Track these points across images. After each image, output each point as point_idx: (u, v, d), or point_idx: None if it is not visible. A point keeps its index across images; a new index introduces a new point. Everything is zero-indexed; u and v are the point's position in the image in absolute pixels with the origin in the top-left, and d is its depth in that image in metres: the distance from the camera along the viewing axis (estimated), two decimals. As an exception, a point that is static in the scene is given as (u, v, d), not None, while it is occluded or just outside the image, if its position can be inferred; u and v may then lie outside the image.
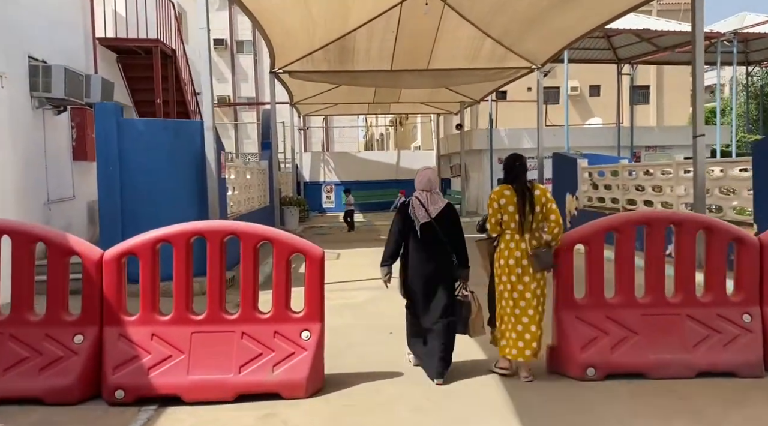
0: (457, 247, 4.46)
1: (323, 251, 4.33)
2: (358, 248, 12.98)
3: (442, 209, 4.45)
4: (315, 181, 24.22)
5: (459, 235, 4.48)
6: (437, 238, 4.38)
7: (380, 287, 8.00)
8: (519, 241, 4.31)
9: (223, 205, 9.01)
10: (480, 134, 20.82)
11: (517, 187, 4.33)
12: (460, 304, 4.45)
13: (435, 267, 4.41)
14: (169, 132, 7.80)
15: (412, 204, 4.47)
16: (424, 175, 4.54)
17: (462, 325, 4.45)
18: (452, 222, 4.48)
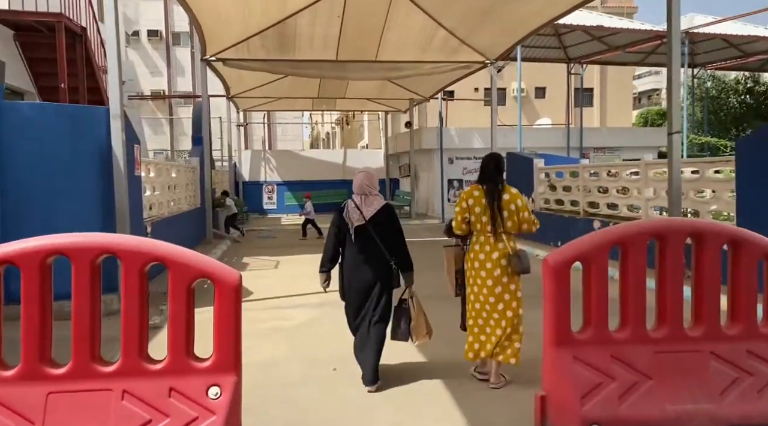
0: (396, 250, 4.30)
1: (239, 275, 3.18)
2: (300, 254, 11.79)
3: (378, 210, 4.29)
4: (255, 181, 22.77)
5: (397, 237, 4.32)
6: (372, 241, 4.23)
7: (322, 303, 6.95)
8: (483, 243, 4.23)
9: (137, 207, 7.66)
10: (429, 133, 19.95)
11: (486, 188, 4.24)
12: (401, 311, 4.36)
13: (369, 271, 4.27)
14: (64, 119, 6.43)
15: (347, 207, 4.35)
16: (358, 179, 4.40)
17: (403, 331, 4.34)
18: (389, 224, 4.30)
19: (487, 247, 4.21)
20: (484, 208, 4.18)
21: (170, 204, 10.42)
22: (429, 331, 4.37)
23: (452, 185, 19.90)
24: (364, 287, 4.29)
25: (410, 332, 4.34)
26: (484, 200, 4.19)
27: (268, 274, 9.60)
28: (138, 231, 7.70)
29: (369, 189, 4.33)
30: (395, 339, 4.39)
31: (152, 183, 9.00)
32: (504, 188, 4.25)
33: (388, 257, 4.26)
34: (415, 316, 4.32)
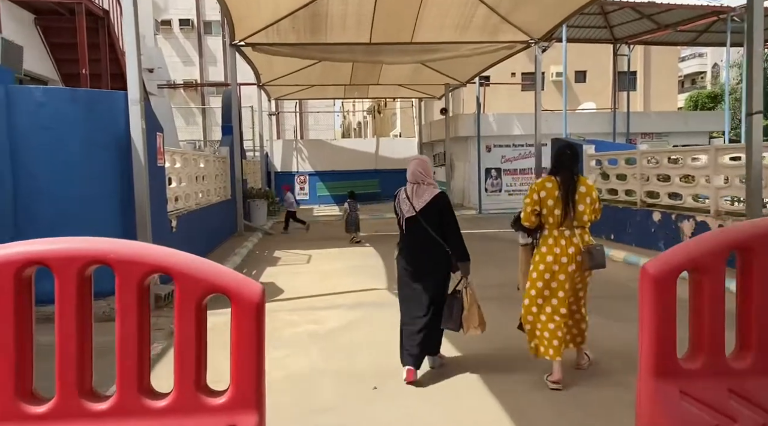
0: (451, 240, 4.15)
1: (262, 290, 2.56)
2: (334, 248, 11.22)
3: (430, 201, 4.14)
4: (287, 171, 22.32)
5: (452, 227, 4.16)
6: (424, 232, 4.13)
7: (358, 304, 6.33)
8: (558, 237, 4.03)
9: (160, 200, 7.16)
10: (466, 119, 19.14)
11: (561, 179, 4.02)
12: (453, 300, 4.20)
13: (420, 262, 4.20)
14: (79, 105, 5.92)
15: (399, 196, 4.28)
16: (411, 167, 4.27)
17: (454, 320, 4.18)
18: (441, 213, 4.15)
19: (562, 241, 4.01)
20: (557, 201, 3.96)
21: (198, 196, 9.95)
22: (481, 323, 4.22)
23: (490, 174, 19.09)
24: (417, 278, 4.20)
25: (461, 322, 4.18)
26: (557, 192, 3.97)
27: (300, 269, 9.05)
28: (161, 225, 7.21)
29: (423, 177, 4.18)
30: (445, 327, 4.26)
31: (178, 174, 8.52)
32: (579, 180, 4.07)
33: (442, 248, 4.13)
34: (468, 306, 4.16)
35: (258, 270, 8.99)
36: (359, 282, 7.88)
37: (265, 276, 8.52)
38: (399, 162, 22.82)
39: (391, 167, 22.75)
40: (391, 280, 7.99)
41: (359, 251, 10.77)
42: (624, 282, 7.42)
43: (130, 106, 6.05)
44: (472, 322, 4.17)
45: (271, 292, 7.36)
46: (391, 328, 5.50)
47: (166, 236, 7.42)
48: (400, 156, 22.94)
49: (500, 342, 5.01)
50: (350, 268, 9.03)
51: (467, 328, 4.18)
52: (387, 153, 22.93)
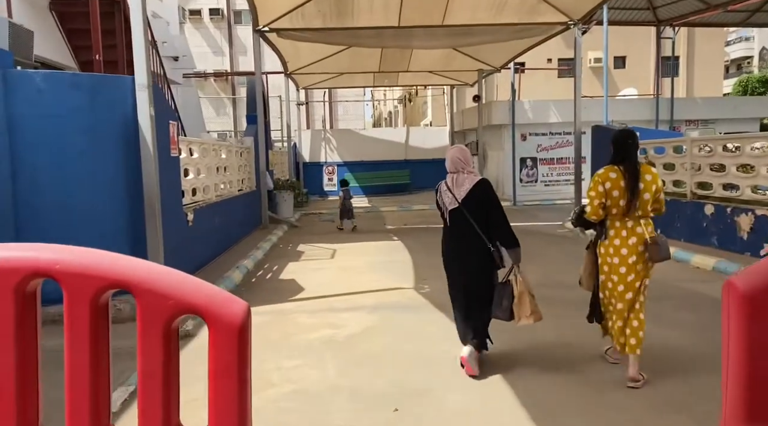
0: (497, 228, 4.05)
1: (245, 310, 2.04)
2: (360, 242, 10.73)
3: (471, 189, 4.03)
4: (315, 162, 21.92)
5: (497, 214, 4.04)
6: (467, 223, 4.01)
7: (379, 306, 5.95)
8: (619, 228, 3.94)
9: (173, 192, 6.76)
10: (500, 107, 18.38)
11: (626, 168, 3.88)
12: (503, 289, 4.07)
13: (467, 255, 4.11)
14: (83, 91, 5.53)
15: (440, 189, 4.18)
16: (450, 156, 4.15)
17: (505, 310, 4.05)
18: (483, 201, 4.03)
19: (623, 233, 3.91)
20: (622, 192, 3.84)
21: (220, 187, 9.57)
22: (534, 312, 4.05)
23: (525, 164, 18.33)
24: (463, 271, 4.13)
25: (512, 311, 4.03)
26: (622, 182, 3.84)
27: (323, 265, 8.59)
28: (175, 218, 6.83)
29: (462, 165, 4.07)
30: (496, 317, 4.14)
31: (196, 165, 8.12)
32: (644, 168, 3.93)
33: (486, 240, 4.02)
34: (519, 294, 4.00)
35: (279, 265, 8.57)
36: (383, 280, 7.38)
37: (287, 272, 8.08)
38: (430, 152, 22.20)
39: (421, 157, 22.15)
40: (419, 278, 7.47)
41: (386, 246, 10.26)
42: (672, 282, 6.74)
43: (138, 92, 5.63)
44: (524, 312, 4.02)
45: (290, 291, 6.91)
46: (415, 337, 5.00)
47: (181, 230, 7.03)
48: (432, 146, 22.31)
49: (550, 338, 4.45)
50: (375, 263, 8.53)
51: (518, 318, 4.03)
52: (418, 143, 22.32)
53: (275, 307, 6.19)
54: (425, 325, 5.36)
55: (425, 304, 6.19)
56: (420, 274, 7.74)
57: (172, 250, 6.61)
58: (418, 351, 4.64)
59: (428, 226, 12.98)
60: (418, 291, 6.78)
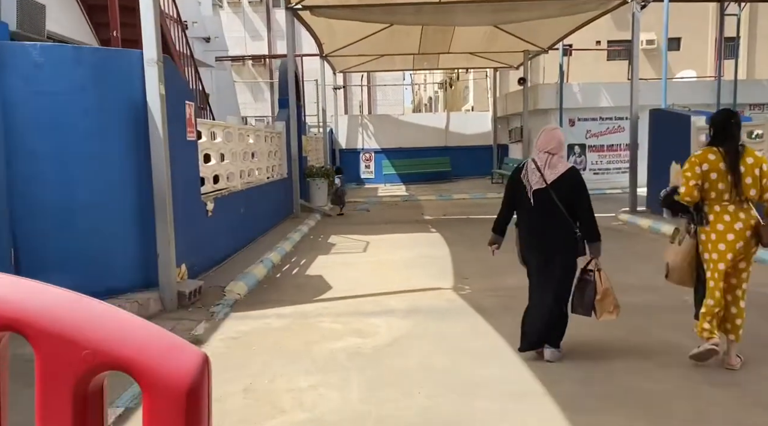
0: (582, 217, 3.88)
1: (201, 362, 1.34)
2: (396, 234, 10.05)
3: (563, 174, 3.86)
4: (352, 149, 21.28)
5: (584, 204, 3.88)
6: (553, 206, 3.84)
7: (414, 309, 5.39)
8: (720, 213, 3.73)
9: (190, 179, 6.19)
10: (547, 90, 17.34)
11: (727, 150, 3.70)
12: (584, 283, 3.92)
13: (549, 238, 3.91)
14: (86, 66, 4.97)
15: (526, 168, 3.94)
16: (553, 136, 3.93)
17: (587, 304, 3.89)
18: (574, 188, 3.87)
19: (726, 217, 3.73)
20: (721, 174, 3.69)
21: (247, 174, 9.01)
22: (616, 307, 3.92)
23: (573, 151, 17.27)
24: (543, 255, 3.96)
25: (594, 306, 3.89)
26: (721, 164, 3.69)
27: (354, 259, 7.94)
28: (191, 208, 6.27)
29: (558, 148, 3.92)
30: (576, 312, 3.98)
31: (219, 150, 7.55)
32: (746, 150, 3.75)
33: (572, 224, 3.87)
34: (602, 289, 3.87)
35: (307, 259, 7.96)
36: (419, 278, 6.68)
37: (314, 267, 7.47)
38: (471, 138, 21.29)
39: (462, 144, 21.26)
40: (458, 276, 6.74)
41: (424, 238, 9.55)
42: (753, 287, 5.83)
43: (146, 68, 5.05)
44: (607, 307, 3.88)
45: (316, 289, 6.29)
46: (453, 352, 4.29)
47: (198, 221, 6.48)
48: (473, 132, 21.38)
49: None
50: (411, 258, 7.84)
51: (600, 313, 3.89)
52: (458, 128, 21.42)
53: (298, 308, 5.57)
54: (466, 336, 4.65)
55: (465, 308, 5.47)
56: (460, 271, 7.02)
57: (189, 243, 6.06)
58: (456, 370, 3.94)
59: (469, 216, 12.21)
60: (457, 292, 6.06)
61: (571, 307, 3.98)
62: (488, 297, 5.81)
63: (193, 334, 4.75)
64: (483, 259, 7.72)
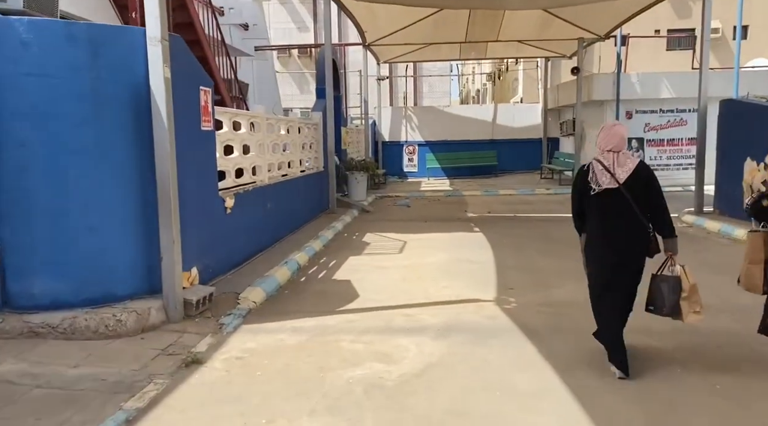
0: (657, 212, 3.66)
1: None
2: (435, 233, 9.31)
3: (633, 170, 3.61)
4: (395, 141, 20.54)
5: (658, 200, 3.66)
6: (626, 206, 3.61)
7: (450, 327, 4.72)
8: None
9: (204, 174, 5.61)
10: (603, 80, 16.15)
11: None
12: (666, 282, 3.64)
13: (622, 240, 3.66)
14: (80, 45, 4.42)
15: (593, 169, 3.70)
16: (615, 132, 3.68)
17: (671, 306, 3.61)
18: (647, 184, 3.63)
19: None
20: None
21: (277, 168, 8.42)
22: (702, 306, 3.64)
23: (630, 146, 16.04)
24: (616, 258, 3.71)
25: (679, 307, 3.60)
26: None
27: (388, 262, 7.24)
28: (207, 205, 5.70)
29: (623, 144, 3.71)
30: (659, 313, 3.71)
31: (242, 141, 6.95)
32: None
33: (646, 223, 3.66)
34: (690, 287, 3.59)
35: (337, 260, 7.32)
36: (458, 287, 5.94)
37: (344, 270, 6.81)
38: (519, 131, 20.24)
39: (510, 137, 20.22)
40: (502, 286, 5.96)
41: (465, 239, 8.77)
42: None
43: (149, 47, 4.48)
44: (693, 307, 3.59)
45: (342, 297, 5.63)
46: (494, 388, 3.54)
47: (215, 219, 5.90)
48: (521, 124, 20.30)
49: None
50: (450, 263, 7.09)
51: (686, 314, 3.59)
52: (506, 121, 20.37)
53: (318, 321, 4.92)
54: (510, 366, 3.89)
55: (509, 328, 4.70)
56: (505, 279, 6.23)
57: (202, 243, 5.50)
58: (498, 417, 3.19)
59: (515, 214, 11.34)
60: (501, 306, 5.29)
61: (654, 307, 3.71)
62: (536, 314, 5.03)
63: (193, 351, 4.15)
64: (530, 265, 6.92)
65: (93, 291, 4.43)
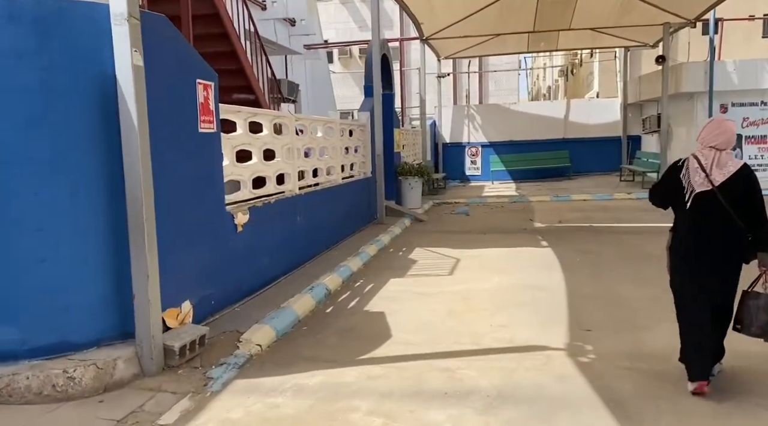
0: (757, 226, 3.28)
1: None
2: (496, 248, 8.03)
3: (734, 174, 3.25)
4: (457, 143, 19.22)
5: (759, 211, 3.26)
6: (721, 211, 3.26)
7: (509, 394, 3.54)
8: None
9: (203, 187, 4.62)
10: (693, 70, 14.21)
11: None
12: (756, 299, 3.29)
13: (712, 251, 3.32)
14: (24, 24, 3.51)
15: (687, 165, 3.37)
16: (721, 128, 3.29)
17: (758, 326, 3.27)
18: (748, 192, 3.27)
19: None
20: None
21: (312, 175, 7.42)
22: None
23: (725, 143, 14.04)
24: (706, 273, 3.33)
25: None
26: None
27: (435, 287, 6.05)
28: (208, 223, 4.71)
29: (726, 143, 3.25)
30: (749, 333, 3.32)
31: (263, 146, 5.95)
32: None
33: (742, 230, 3.26)
34: None
35: (375, 284, 6.21)
36: (518, 325, 4.68)
37: (380, 298, 5.68)
38: (595, 129, 18.43)
39: (584, 135, 18.45)
40: (576, 324, 4.65)
41: (530, 256, 7.44)
42: None
43: (113, 27, 3.54)
44: None
45: (368, 338, 4.50)
46: None
47: (221, 240, 4.91)
48: (597, 121, 18.48)
49: None
50: (511, 289, 5.83)
51: None
52: (580, 118, 18.61)
53: (331, 375, 3.81)
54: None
55: (587, 395, 3.42)
56: (579, 315, 4.91)
57: (201, 270, 4.53)
58: None
59: (591, 224, 9.85)
60: (574, 357, 4.00)
61: (742, 326, 3.36)
62: (622, 373, 3.72)
63: (157, 423, 3.14)
64: (611, 295, 5.53)
65: (44, 338, 3.52)
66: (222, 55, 7.96)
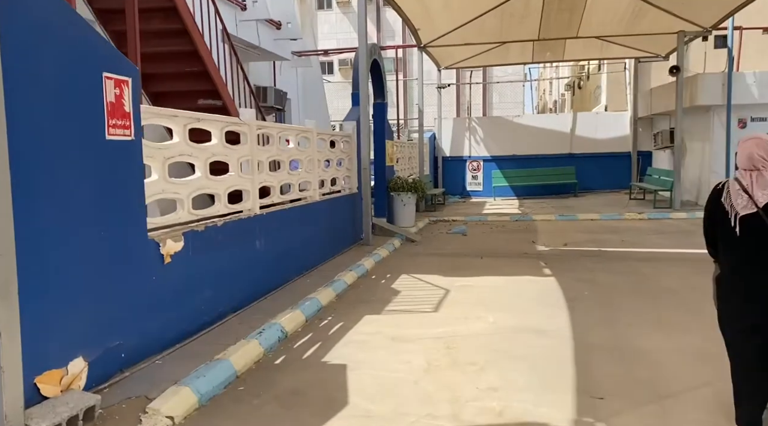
0: None
1: None
2: (491, 276, 7.05)
3: None
4: (457, 157, 18.28)
5: None
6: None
7: None
8: None
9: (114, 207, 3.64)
10: (709, 81, 13.24)
11: None
12: None
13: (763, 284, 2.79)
14: None
15: (728, 189, 3.02)
16: (745, 148, 2.98)
17: None
18: None
19: None
20: None
21: (279, 191, 6.46)
22: None
23: (745, 160, 13.02)
24: (759, 309, 2.81)
25: None
26: None
27: (414, 328, 5.05)
28: (116, 258, 3.73)
29: (763, 161, 2.88)
30: None
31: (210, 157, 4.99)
32: None
33: None
34: None
35: (345, 323, 5.21)
36: (513, 388, 3.67)
37: (345, 344, 4.68)
38: (603, 144, 17.46)
39: (591, 151, 17.47)
40: (585, 385, 3.63)
41: (530, 288, 6.44)
42: None
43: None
44: None
45: (319, 409, 3.49)
46: None
47: (138, 275, 3.93)
48: (606, 136, 17.52)
49: None
50: (506, 333, 4.82)
51: None
52: (587, 132, 17.64)
53: None
54: None
55: None
56: (588, 374, 3.89)
57: (106, 316, 3.55)
58: None
59: (600, 248, 8.84)
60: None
61: None
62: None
63: None
64: (626, 344, 4.50)
65: None
66: (183, 54, 7.08)
